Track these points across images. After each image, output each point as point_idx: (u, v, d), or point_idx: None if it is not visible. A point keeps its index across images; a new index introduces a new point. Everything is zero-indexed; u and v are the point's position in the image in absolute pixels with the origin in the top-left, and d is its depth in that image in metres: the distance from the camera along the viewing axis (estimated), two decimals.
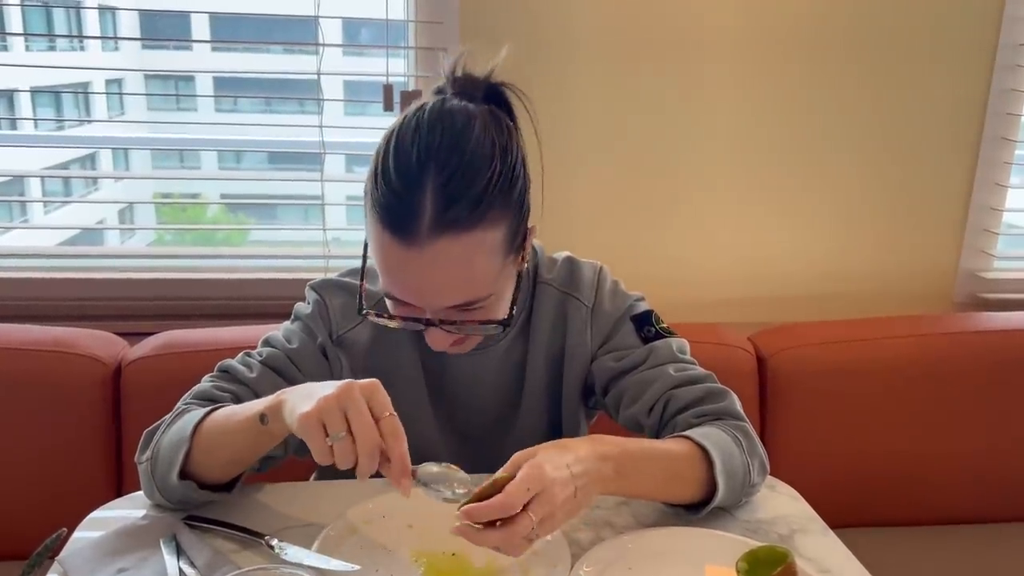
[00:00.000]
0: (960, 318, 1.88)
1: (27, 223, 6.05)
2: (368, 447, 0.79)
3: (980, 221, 1.99)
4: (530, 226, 1.00)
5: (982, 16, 1.86)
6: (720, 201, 1.91)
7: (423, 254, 0.88)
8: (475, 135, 0.91)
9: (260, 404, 0.90)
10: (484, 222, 0.89)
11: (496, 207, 0.90)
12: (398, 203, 0.88)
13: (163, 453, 0.97)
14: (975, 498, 1.75)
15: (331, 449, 0.79)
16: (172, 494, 0.98)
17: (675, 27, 1.79)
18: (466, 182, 0.88)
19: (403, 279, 0.93)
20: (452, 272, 0.91)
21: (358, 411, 0.79)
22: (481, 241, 0.90)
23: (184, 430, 0.95)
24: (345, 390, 0.80)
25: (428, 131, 0.90)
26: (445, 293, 0.93)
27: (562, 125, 1.80)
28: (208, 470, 0.97)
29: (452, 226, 0.88)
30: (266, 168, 10.50)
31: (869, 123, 1.90)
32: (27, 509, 1.48)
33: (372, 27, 1.81)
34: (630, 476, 0.92)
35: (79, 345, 1.52)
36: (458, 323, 0.96)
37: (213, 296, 1.83)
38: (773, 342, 1.71)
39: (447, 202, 0.87)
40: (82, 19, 6.10)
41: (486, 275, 0.93)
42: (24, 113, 6.01)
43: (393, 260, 0.92)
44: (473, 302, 0.94)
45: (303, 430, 0.80)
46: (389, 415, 0.81)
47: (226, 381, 1.08)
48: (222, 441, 0.95)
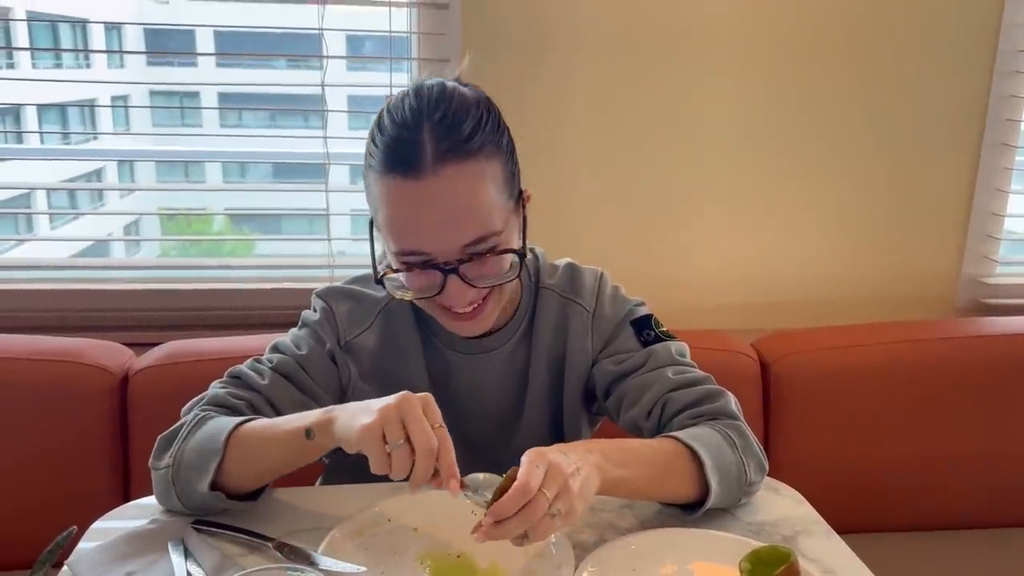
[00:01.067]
0: (962, 323, 1.88)
1: (34, 236, 6.08)
2: (426, 453, 0.82)
3: (982, 227, 2.00)
4: (526, 192, 1.05)
5: (981, 22, 1.87)
6: (723, 207, 1.92)
7: (431, 184, 0.93)
8: (459, 90, 0.99)
9: (304, 419, 0.93)
10: (481, 154, 0.96)
11: (489, 145, 0.97)
12: (400, 144, 0.95)
13: (189, 460, 0.98)
14: (978, 503, 1.75)
15: (389, 457, 0.83)
16: (193, 501, 0.99)
17: (675, 35, 1.80)
18: (457, 120, 0.95)
19: (416, 219, 0.96)
20: (461, 200, 0.95)
21: (416, 419, 0.83)
22: (482, 171, 0.96)
23: (215, 439, 0.96)
24: (404, 399, 0.85)
25: (415, 92, 0.98)
26: (459, 225, 0.96)
27: (562, 133, 1.82)
28: (239, 480, 0.98)
29: (453, 154, 0.94)
30: (270, 181, 10.54)
31: (871, 129, 1.91)
32: (34, 516, 1.49)
33: (375, 40, 1.83)
34: (618, 468, 0.93)
35: (86, 355, 1.53)
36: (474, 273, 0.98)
37: (219, 307, 1.84)
38: (776, 348, 1.72)
39: (445, 133, 0.94)
40: (88, 36, 6.14)
41: (491, 206, 0.97)
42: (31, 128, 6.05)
43: (405, 202, 0.95)
44: (485, 237, 0.97)
45: (364, 440, 0.83)
46: (439, 426, 0.85)
47: (239, 388, 1.09)
48: (259, 453, 0.96)
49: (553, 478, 0.82)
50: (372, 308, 1.16)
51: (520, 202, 1.05)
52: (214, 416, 1.02)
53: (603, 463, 0.91)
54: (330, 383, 1.13)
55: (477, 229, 0.96)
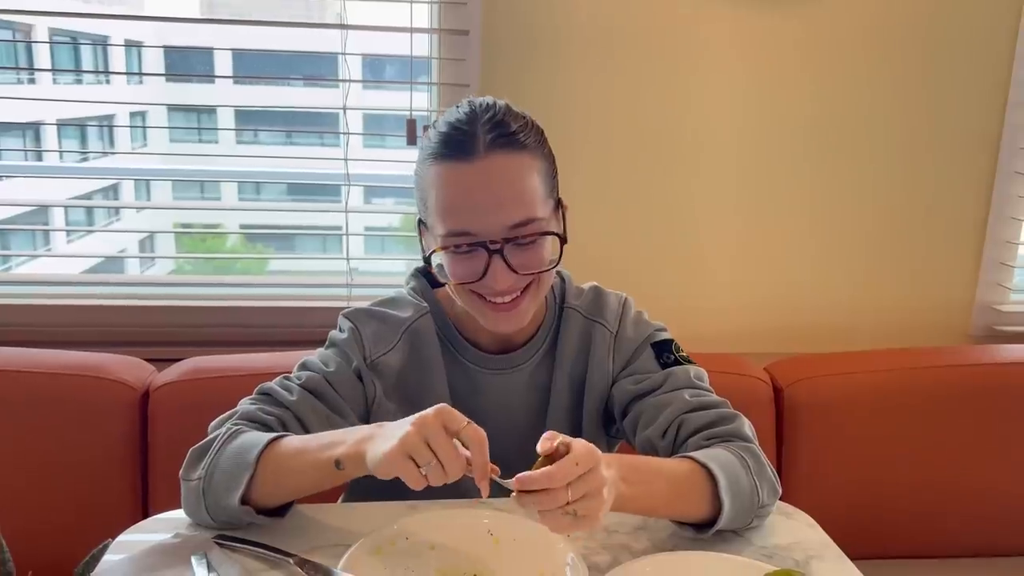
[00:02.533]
0: (977, 350, 1.88)
1: (50, 251, 6.13)
2: (455, 469, 0.86)
3: (996, 255, 2.01)
4: (564, 202, 1.13)
5: (995, 52, 1.89)
6: (737, 232, 1.94)
7: (481, 167, 1.02)
8: (507, 103, 1.09)
9: (334, 448, 0.95)
10: (526, 150, 1.05)
11: (532, 144, 1.06)
12: (454, 132, 1.04)
13: (220, 474, 0.99)
14: (992, 531, 1.75)
15: (424, 476, 0.86)
16: (222, 514, 1.00)
17: (683, 66, 1.83)
18: (507, 122, 1.05)
19: (466, 198, 1.03)
20: (508, 183, 1.03)
21: (438, 438, 0.86)
22: (528, 163, 1.05)
23: (247, 455, 0.98)
24: (420, 423, 0.87)
25: (468, 102, 1.08)
26: (505, 205, 1.03)
27: (576, 163, 1.84)
28: (268, 496, 1.00)
29: (503, 144, 1.03)
30: (286, 199, 10.61)
31: (885, 157, 1.93)
32: (55, 529, 1.51)
33: (395, 63, 1.87)
34: (634, 484, 0.95)
35: (108, 370, 1.56)
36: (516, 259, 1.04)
37: (240, 324, 1.87)
38: (790, 372, 1.73)
39: (496, 127, 1.03)
40: (108, 54, 6.23)
41: (536, 193, 1.05)
42: (50, 145, 6.12)
43: (456, 183, 1.03)
44: (529, 220, 1.04)
45: (393, 467, 0.86)
46: (467, 424, 0.88)
47: (269, 404, 1.11)
48: (290, 474, 0.98)
49: (588, 481, 0.84)
50: (397, 328, 1.18)
51: (560, 208, 1.12)
52: (246, 431, 1.04)
53: (617, 479, 0.92)
54: (356, 400, 1.15)
55: (522, 211, 1.03)
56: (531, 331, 1.20)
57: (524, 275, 1.06)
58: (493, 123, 1.04)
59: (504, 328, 1.11)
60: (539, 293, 1.11)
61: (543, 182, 1.07)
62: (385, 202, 2.14)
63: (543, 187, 1.07)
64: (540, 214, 1.05)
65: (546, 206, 1.07)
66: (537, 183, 1.06)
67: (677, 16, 1.80)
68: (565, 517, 0.84)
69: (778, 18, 1.82)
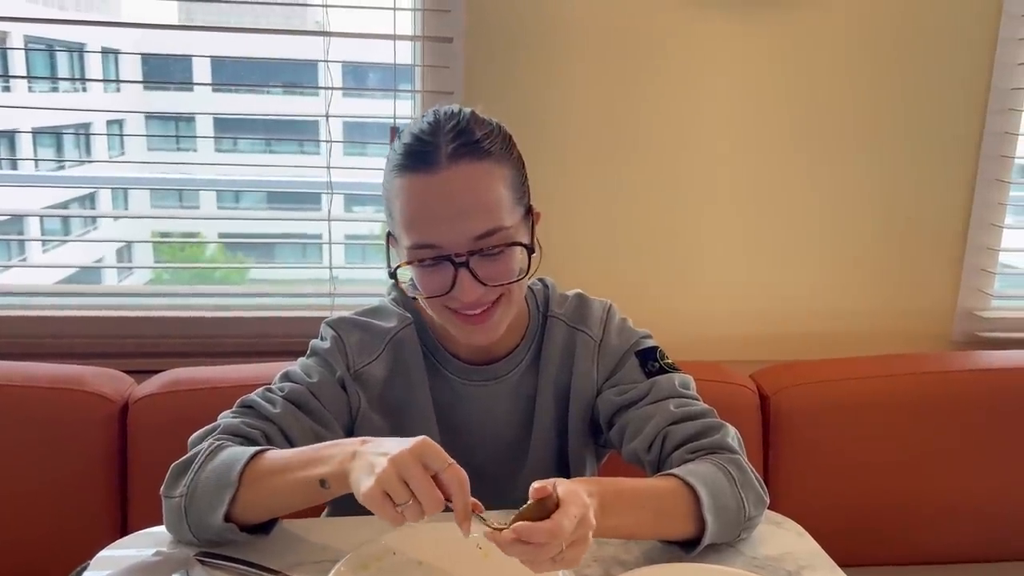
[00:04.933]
0: (959, 356, 1.89)
1: (25, 261, 6.06)
2: (433, 508, 0.83)
3: (977, 261, 2.02)
4: (535, 210, 1.10)
5: (975, 60, 1.90)
6: (721, 239, 1.94)
7: (444, 177, 1.00)
8: (473, 111, 1.07)
9: (320, 468, 0.92)
10: (491, 157, 1.03)
11: (498, 152, 1.04)
12: (417, 143, 1.02)
13: (203, 491, 0.97)
14: (976, 536, 1.75)
15: (401, 513, 0.83)
16: (206, 532, 0.98)
17: (675, 71, 1.83)
18: (470, 128, 1.03)
19: (430, 210, 1.01)
20: (472, 193, 1.01)
21: (416, 478, 0.83)
22: (492, 171, 1.03)
23: (229, 472, 0.96)
24: (398, 460, 0.83)
25: (433, 111, 1.06)
26: (470, 216, 1.00)
27: (562, 167, 1.84)
28: (253, 514, 0.98)
29: (465, 152, 1.01)
30: (265, 207, 10.57)
31: (867, 164, 1.93)
32: (33, 545, 1.48)
33: (378, 70, 1.85)
34: (615, 514, 0.93)
35: (86, 382, 1.53)
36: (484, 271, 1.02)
37: (220, 334, 1.84)
38: (775, 380, 1.72)
39: (459, 136, 1.01)
40: (85, 61, 6.17)
41: (501, 203, 1.02)
42: (25, 153, 6.06)
43: (419, 195, 1.01)
44: (494, 231, 1.01)
45: (371, 505, 0.84)
46: (449, 466, 0.85)
47: (252, 417, 1.09)
48: (273, 491, 0.96)
49: (580, 527, 0.82)
50: (381, 339, 1.17)
51: (530, 216, 1.09)
52: (228, 446, 1.02)
53: (599, 512, 0.90)
54: (340, 411, 1.13)
55: (487, 221, 1.01)
56: (514, 341, 1.19)
57: (493, 287, 1.04)
58: (456, 131, 1.02)
59: (478, 340, 1.09)
60: (511, 304, 1.09)
61: (510, 189, 1.04)
62: (366, 210, 2.12)
63: (510, 195, 1.04)
64: (507, 223, 1.03)
65: (513, 214, 1.04)
66: (503, 191, 1.03)
67: (664, 23, 1.80)
68: (550, 563, 0.83)
69: (760, 26, 1.82)
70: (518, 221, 1.05)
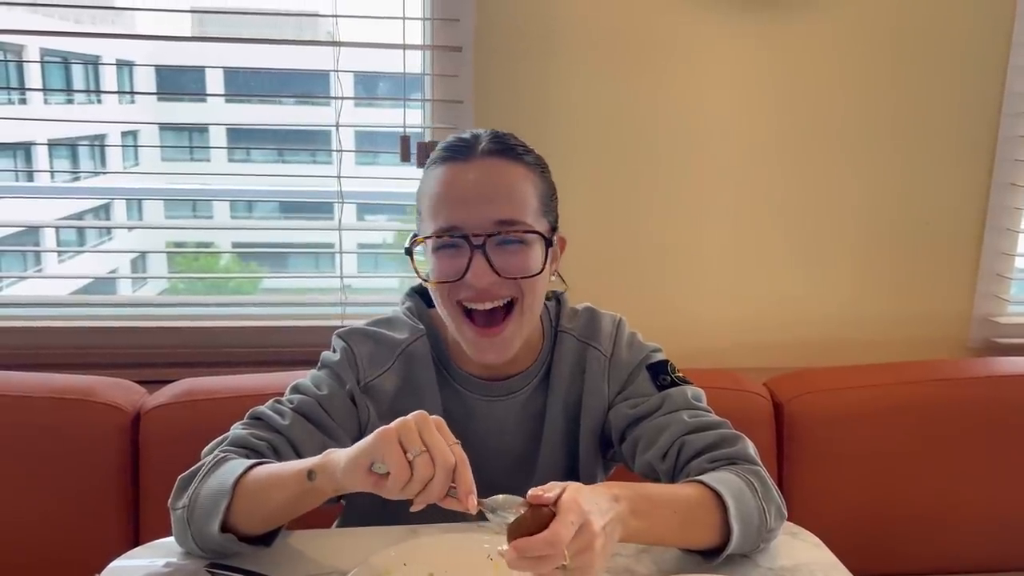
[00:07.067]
0: (974, 363, 1.88)
1: (41, 272, 6.10)
2: (446, 462, 0.83)
3: (992, 266, 2.00)
4: (560, 235, 1.15)
5: (989, 65, 1.89)
6: (735, 247, 1.93)
7: (477, 165, 1.06)
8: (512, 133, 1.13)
9: (307, 462, 0.93)
10: (523, 163, 1.09)
11: (531, 163, 1.10)
12: (458, 143, 1.09)
13: (202, 502, 0.97)
14: (995, 546, 1.73)
15: (410, 465, 0.82)
16: (208, 543, 0.98)
17: (682, 89, 1.83)
18: (508, 138, 1.11)
19: (456, 192, 1.06)
20: (501, 182, 1.06)
21: (432, 432, 0.84)
22: (523, 173, 1.08)
23: (226, 481, 0.96)
24: (419, 415, 0.85)
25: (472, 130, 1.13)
26: (495, 200, 1.05)
27: (570, 183, 1.83)
28: (248, 523, 0.97)
29: (500, 152, 1.08)
30: (278, 217, 10.62)
31: (881, 170, 1.92)
32: (45, 556, 1.48)
33: (388, 79, 1.86)
34: (645, 518, 0.93)
35: (98, 393, 1.53)
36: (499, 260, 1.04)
37: (232, 344, 1.84)
38: (789, 387, 1.71)
39: (497, 140, 1.09)
40: (100, 74, 6.23)
41: (527, 201, 1.07)
42: (41, 165, 6.10)
43: (451, 180, 1.07)
44: (516, 221, 1.05)
45: (383, 446, 0.83)
46: (454, 443, 0.86)
47: (260, 429, 1.08)
48: (266, 495, 0.96)
49: (582, 535, 0.82)
50: (392, 350, 1.16)
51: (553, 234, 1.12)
52: (232, 459, 1.02)
53: (627, 514, 0.90)
54: (349, 424, 1.13)
55: (510, 211, 1.05)
56: (529, 359, 1.19)
57: (506, 278, 1.04)
58: (495, 137, 1.09)
59: (491, 358, 1.09)
60: (523, 318, 1.09)
61: (537, 199, 1.08)
62: (378, 219, 2.12)
63: (536, 203, 1.08)
64: (530, 220, 1.06)
65: (538, 222, 1.08)
66: (530, 193, 1.07)
67: (670, 29, 1.80)
68: (559, 572, 0.82)
69: (771, 27, 1.82)
70: (544, 230, 1.09)
